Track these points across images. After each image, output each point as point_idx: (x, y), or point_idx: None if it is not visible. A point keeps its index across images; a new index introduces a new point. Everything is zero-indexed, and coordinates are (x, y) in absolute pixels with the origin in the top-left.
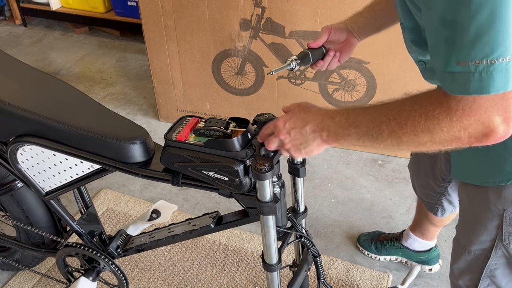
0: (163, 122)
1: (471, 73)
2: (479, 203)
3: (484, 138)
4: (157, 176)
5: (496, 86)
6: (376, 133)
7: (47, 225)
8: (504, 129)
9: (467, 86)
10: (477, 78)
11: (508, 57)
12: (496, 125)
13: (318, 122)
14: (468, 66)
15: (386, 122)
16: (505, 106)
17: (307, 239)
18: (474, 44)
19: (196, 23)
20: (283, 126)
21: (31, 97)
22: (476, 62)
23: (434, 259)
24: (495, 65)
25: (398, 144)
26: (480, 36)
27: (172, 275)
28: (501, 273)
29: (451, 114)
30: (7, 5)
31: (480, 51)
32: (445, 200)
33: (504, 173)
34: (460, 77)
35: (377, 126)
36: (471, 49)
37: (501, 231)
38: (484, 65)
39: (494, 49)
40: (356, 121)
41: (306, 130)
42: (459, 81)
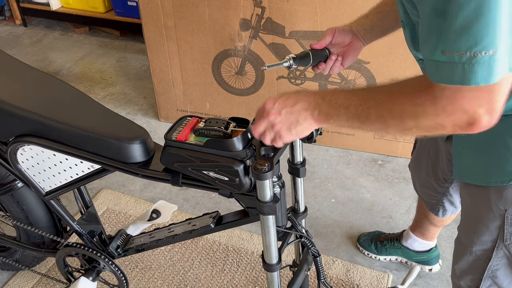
0: (163, 122)
1: (455, 64)
2: (480, 204)
3: (468, 127)
4: (157, 176)
5: (477, 79)
6: (364, 116)
7: (47, 225)
8: (488, 119)
9: (450, 76)
10: (460, 69)
11: (492, 51)
12: (479, 115)
13: (310, 100)
14: (452, 56)
15: (374, 106)
16: (488, 98)
17: (307, 239)
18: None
19: (196, 23)
20: (273, 106)
21: (31, 97)
22: (460, 53)
23: (434, 259)
24: (477, 58)
25: (385, 128)
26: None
27: (172, 275)
28: (503, 273)
29: (436, 103)
30: (7, 5)
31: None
32: (447, 201)
33: (506, 173)
34: (444, 66)
35: (365, 109)
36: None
37: (503, 231)
38: (468, 56)
39: (478, 41)
40: (345, 103)
41: (297, 108)
42: (443, 71)
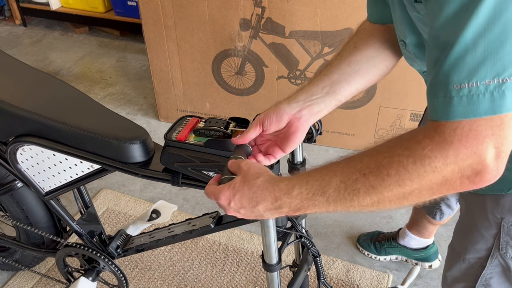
0: (163, 122)
1: (481, 94)
2: (476, 211)
3: (477, 177)
4: (157, 176)
5: (508, 105)
6: (350, 194)
7: (47, 225)
8: (497, 165)
9: (474, 109)
10: (488, 98)
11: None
12: (489, 160)
13: (272, 201)
14: (476, 88)
15: (361, 178)
16: (502, 136)
17: (307, 239)
18: (483, 63)
19: (196, 23)
20: (228, 205)
21: (31, 97)
22: (486, 82)
23: (433, 256)
24: (507, 84)
25: (379, 202)
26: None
27: (172, 275)
28: (496, 281)
29: (446, 148)
30: (7, 5)
31: (491, 69)
32: (444, 204)
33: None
34: (464, 100)
35: (350, 186)
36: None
37: (498, 240)
38: (496, 84)
39: (506, 66)
40: (320, 188)
41: (258, 209)
42: (462, 105)
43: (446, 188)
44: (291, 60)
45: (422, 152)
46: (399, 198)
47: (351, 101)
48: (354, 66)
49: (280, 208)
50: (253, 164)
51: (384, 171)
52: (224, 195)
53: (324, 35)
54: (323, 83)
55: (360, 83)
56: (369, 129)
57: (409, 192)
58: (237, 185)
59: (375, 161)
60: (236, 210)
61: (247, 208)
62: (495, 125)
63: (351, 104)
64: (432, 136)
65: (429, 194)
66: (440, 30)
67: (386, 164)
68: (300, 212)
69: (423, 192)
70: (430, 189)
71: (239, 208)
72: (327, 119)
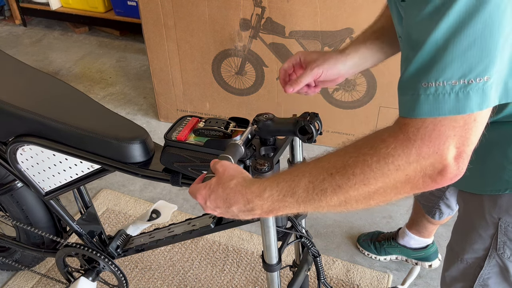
0: (163, 122)
1: (447, 93)
2: (474, 211)
3: (439, 177)
4: (157, 176)
5: (472, 106)
6: (318, 194)
7: (46, 225)
8: (458, 165)
9: (439, 108)
10: (453, 98)
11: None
12: (450, 159)
13: (244, 203)
14: (442, 87)
15: (328, 178)
16: (464, 137)
17: (307, 239)
18: (451, 64)
19: (196, 23)
20: (205, 204)
21: (30, 97)
22: (452, 82)
23: (433, 255)
24: (472, 85)
25: (346, 202)
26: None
27: (172, 275)
28: (494, 282)
29: (410, 146)
30: (6, 5)
31: (458, 70)
32: (443, 204)
33: (502, 182)
34: (430, 98)
35: (317, 186)
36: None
37: (496, 240)
38: (461, 84)
39: (473, 68)
40: (290, 190)
41: (233, 210)
42: (428, 103)
43: (410, 187)
44: None
45: (386, 150)
46: (365, 198)
47: (351, 100)
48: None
49: (253, 210)
50: (228, 166)
51: (349, 171)
52: (201, 194)
53: (324, 35)
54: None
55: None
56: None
57: (374, 191)
58: (212, 186)
59: (341, 160)
60: (212, 209)
61: (222, 208)
62: (457, 126)
63: (351, 104)
64: (396, 135)
65: (394, 193)
66: (413, 29)
67: (351, 163)
68: (273, 214)
69: (387, 191)
70: (395, 188)
71: (215, 208)
72: (327, 119)
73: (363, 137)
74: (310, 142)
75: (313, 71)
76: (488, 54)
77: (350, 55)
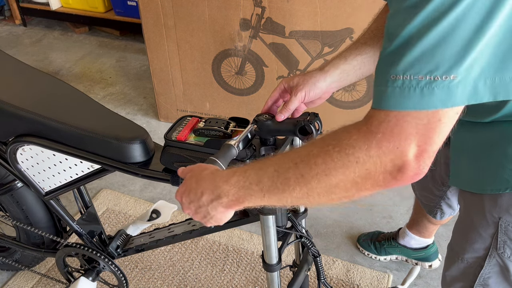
0: (163, 122)
1: (412, 88)
2: (474, 210)
3: (399, 174)
4: (157, 176)
5: (435, 102)
6: (282, 183)
7: (46, 225)
8: (418, 164)
9: (404, 101)
10: (417, 93)
11: (453, 76)
12: (410, 157)
13: (212, 189)
14: (409, 81)
15: (293, 167)
16: (426, 135)
17: (307, 239)
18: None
19: (196, 23)
20: (181, 201)
21: (30, 97)
22: (419, 77)
23: (433, 255)
24: (437, 82)
25: (308, 193)
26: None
27: (172, 275)
28: (494, 281)
29: (371, 138)
30: (6, 5)
31: (425, 66)
32: (444, 204)
33: (502, 181)
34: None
35: (282, 174)
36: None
37: (496, 239)
38: (427, 80)
39: (439, 65)
40: (256, 177)
41: (202, 201)
42: (395, 96)
43: (371, 183)
44: (291, 60)
45: (347, 141)
46: (327, 191)
47: (351, 100)
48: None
49: (220, 197)
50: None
51: (312, 160)
52: (179, 192)
53: (324, 35)
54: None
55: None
56: None
57: (335, 183)
58: (187, 181)
59: (306, 150)
60: (188, 206)
61: (194, 202)
62: (421, 123)
63: (351, 104)
64: (360, 127)
65: (355, 188)
66: (391, 21)
67: (315, 153)
68: (239, 203)
69: (348, 185)
70: (355, 183)
71: (189, 203)
72: (327, 119)
73: (332, 130)
74: None
75: (297, 96)
76: (457, 53)
77: (329, 72)
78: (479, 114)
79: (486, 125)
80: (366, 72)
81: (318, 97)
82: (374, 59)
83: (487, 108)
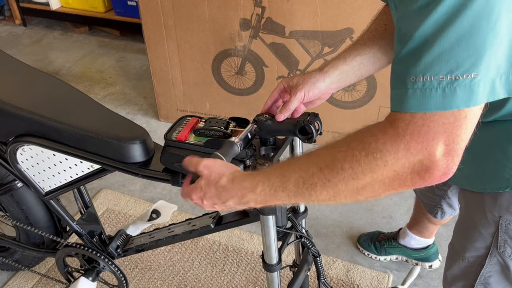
0: (163, 122)
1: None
2: (474, 209)
3: (427, 174)
4: (157, 176)
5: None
6: (308, 189)
7: (46, 225)
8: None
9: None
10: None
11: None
12: (439, 156)
13: (239, 198)
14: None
15: (317, 173)
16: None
17: (307, 239)
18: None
19: (196, 23)
20: (202, 203)
21: (30, 97)
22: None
23: (433, 256)
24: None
25: (335, 196)
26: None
27: (172, 275)
28: (495, 280)
29: (398, 141)
30: (6, 5)
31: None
32: (445, 203)
33: (503, 180)
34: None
35: (307, 180)
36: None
37: (497, 238)
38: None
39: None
40: (281, 184)
41: (229, 203)
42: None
43: (398, 183)
44: (291, 60)
45: (375, 145)
46: (354, 192)
47: (351, 100)
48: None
49: (248, 203)
50: (213, 165)
51: (338, 165)
52: (196, 195)
53: (324, 35)
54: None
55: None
56: None
57: (362, 186)
58: (203, 186)
59: (331, 155)
60: (211, 206)
61: (219, 204)
62: (447, 122)
63: (351, 104)
64: (386, 130)
65: (383, 189)
66: (402, 23)
67: (341, 157)
68: (267, 204)
69: (375, 186)
70: (383, 184)
71: (213, 205)
72: (327, 119)
73: (354, 131)
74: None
75: (297, 96)
76: (475, 51)
77: (328, 72)
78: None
79: (486, 124)
80: (365, 73)
81: (317, 98)
82: (373, 60)
83: (490, 107)
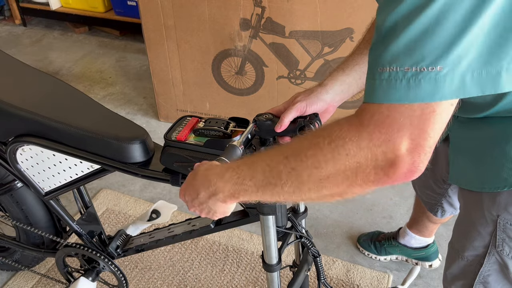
0: (163, 122)
1: (398, 80)
2: (473, 208)
3: (391, 169)
4: (157, 176)
5: (422, 94)
6: (274, 177)
7: (46, 225)
8: (412, 159)
9: (391, 94)
10: (404, 85)
11: (439, 67)
12: (403, 151)
13: (207, 186)
14: (395, 72)
15: (283, 160)
16: (420, 128)
17: (307, 239)
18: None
19: (196, 23)
20: (185, 200)
21: (30, 97)
22: (404, 68)
23: (433, 255)
24: (423, 73)
25: (299, 187)
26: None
27: (172, 275)
28: (494, 279)
29: (361, 130)
30: (6, 5)
31: (411, 57)
32: (446, 202)
33: (501, 179)
34: (384, 83)
35: (274, 168)
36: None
37: (495, 237)
38: (413, 72)
39: (425, 56)
40: (249, 172)
41: (201, 197)
42: (382, 89)
43: (361, 178)
44: (291, 60)
45: (338, 133)
46: (317, 185)
47: (351, 100)
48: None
49: (216, 193)
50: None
51: (302, 153)
52: (181, 191)
53: (324, 35)
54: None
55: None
56: None
57: (325, 176)
58: (188, 178)
59: (297, 143)
60: (191, 203)
61: (195, 199)
62: (414, 115)
63: (351, 104)
64: (351, 120)
65: (346, 183)
66: (378, 15)
67: (306, 145)
68: (235, 198)
69: (339, 179)
70: (346, 177)
71: (192, 201)
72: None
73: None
74: None
75: (296, 106)
76: (442, 44)
77: (329, 84)
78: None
79: (484, 122)
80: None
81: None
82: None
83: (478, 104)
